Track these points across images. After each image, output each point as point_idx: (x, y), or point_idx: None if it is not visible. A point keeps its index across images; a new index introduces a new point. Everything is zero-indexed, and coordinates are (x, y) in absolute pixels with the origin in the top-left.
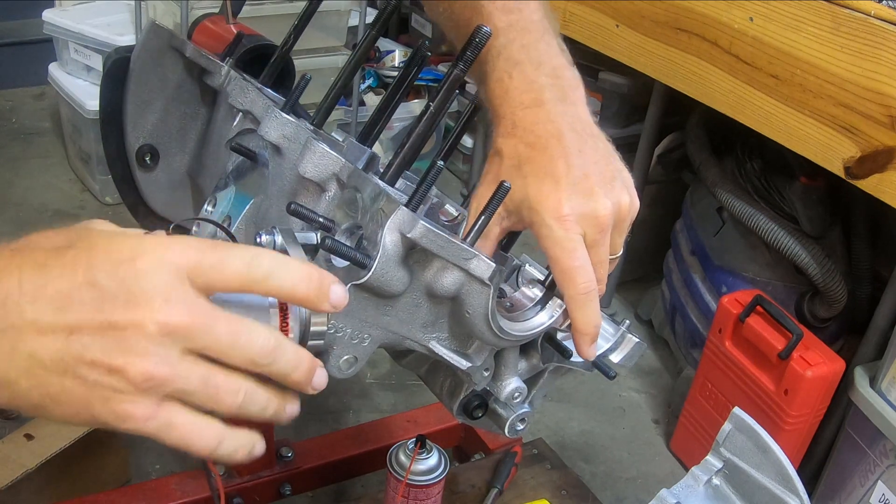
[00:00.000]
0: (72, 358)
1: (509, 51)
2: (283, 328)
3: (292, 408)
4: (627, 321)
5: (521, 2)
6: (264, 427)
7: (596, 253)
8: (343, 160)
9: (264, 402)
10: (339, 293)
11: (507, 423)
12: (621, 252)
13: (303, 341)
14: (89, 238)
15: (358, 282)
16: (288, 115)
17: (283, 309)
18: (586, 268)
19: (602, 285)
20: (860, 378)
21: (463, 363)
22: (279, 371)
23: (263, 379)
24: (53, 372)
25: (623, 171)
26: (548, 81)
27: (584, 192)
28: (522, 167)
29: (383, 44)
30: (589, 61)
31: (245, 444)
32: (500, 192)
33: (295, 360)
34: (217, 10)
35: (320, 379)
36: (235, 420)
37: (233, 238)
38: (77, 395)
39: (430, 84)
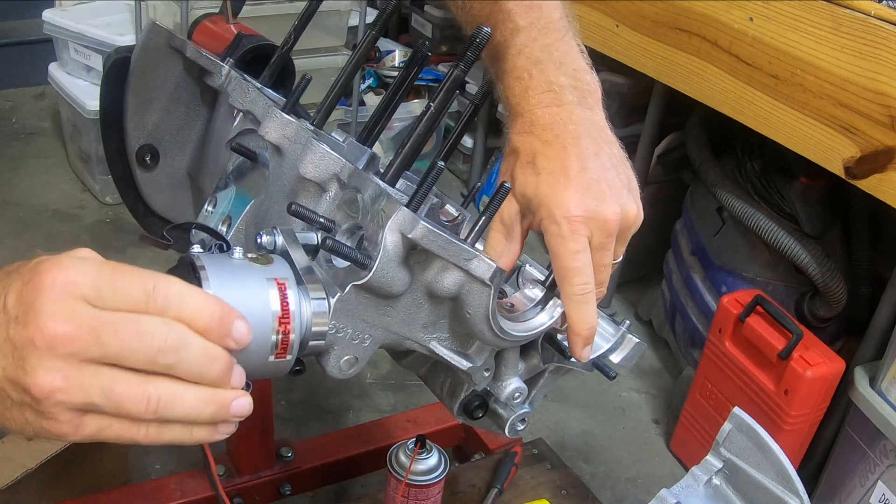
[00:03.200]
0: None
1: (530, 49)
2: (284, 330)
3: (239, 403)
4: (627, 321)
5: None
6: (260, 424)
7: (600, 257)
8: (343, 160)
9: (189, 406)
10: (241, 330)
11: (508, 424)
12: (621, 259)
13: (303, 342)
14: (28, 264)
15: (359, 282)
16: (288, 115)
17: (285, 309)
18: (586, 270)
19: (602, 288)
20: (860, 378)
21: (463, 363)
22: (189, 370)
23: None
24: None
25: (633, 181)
26: (568, 83)
27: (596, 195)
28: (537, 163)
29: (383, 44)
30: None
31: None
32: (501, 192)
33: (205, 357)
34: (217, 10)
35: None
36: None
37: (226, 242)
38: (12, 414)
39: (430, 84)
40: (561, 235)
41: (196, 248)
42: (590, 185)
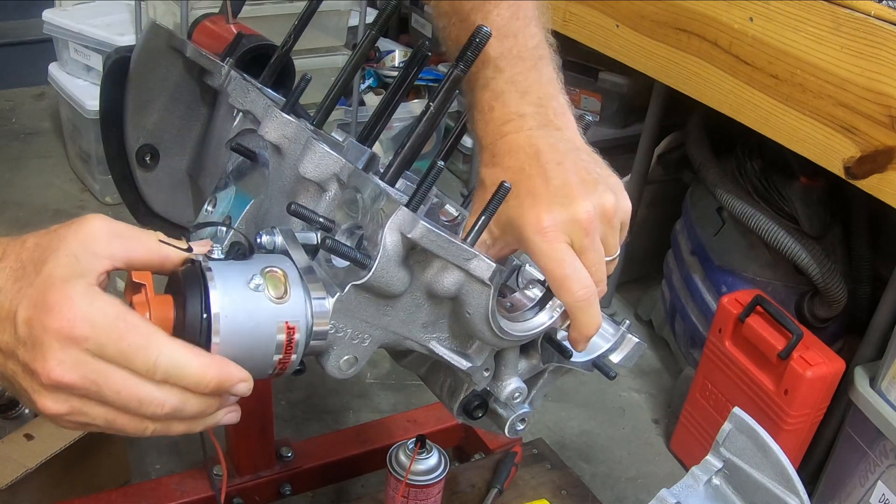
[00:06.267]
0: (2, 367)
1: (495, 82)
2: (281, 367)
3: (231, 416)
4: (627, 321)
5: (517, 24)
6: (260, 424)
7: (587, 257)
8: (343, 160)
9: (182, 430)
10: (240, 390)
11: (508, 423)
12: (618, 253)
13: (304, 342)
14: (42, 267)
15: (358, 282)
16: (288, 115)
17: (287, 353)
18: (578, 275)
19: (602, 286)
20: (860, 378)
21: (463, 363)
22: (185, 419)
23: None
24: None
25: (609, 177)
26: (530, 110)
27: (563, 200)
28: None
29: (383, 44)
30: (589, 61)
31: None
32: (500, 192)
33: (200, 411)
34: (217, 10)
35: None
36: None
37: (250, 245)
38: (16, 391)
39: (430, 84)
40: (541, 251)
41: (216, 253)
42: (555, 193)
